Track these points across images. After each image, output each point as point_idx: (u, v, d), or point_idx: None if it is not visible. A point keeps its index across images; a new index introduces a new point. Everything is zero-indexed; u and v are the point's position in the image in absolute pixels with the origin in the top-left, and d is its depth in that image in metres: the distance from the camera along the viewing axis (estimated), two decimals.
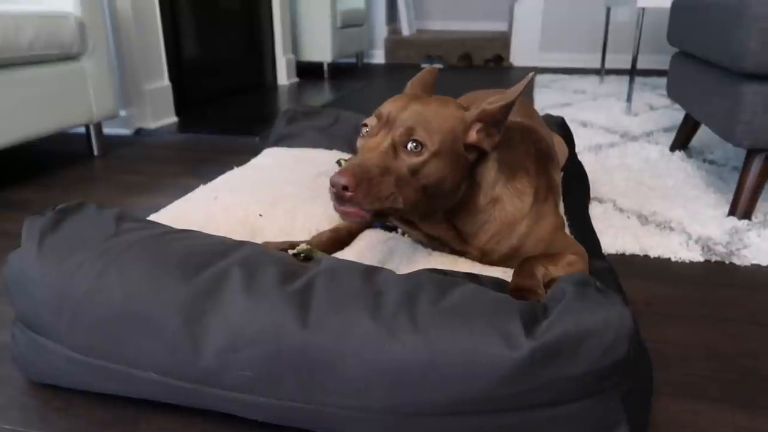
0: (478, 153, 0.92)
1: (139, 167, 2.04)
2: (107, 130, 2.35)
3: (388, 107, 0.88)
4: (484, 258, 0.98)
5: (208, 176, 1.52)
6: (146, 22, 2.54)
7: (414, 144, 0.84)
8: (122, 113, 2.50)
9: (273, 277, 0.74)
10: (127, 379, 0.76)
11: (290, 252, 0.91)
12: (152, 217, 1.12)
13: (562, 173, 1.35)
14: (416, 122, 0.84)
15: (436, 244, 1.01)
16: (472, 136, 0.89)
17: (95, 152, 2.19)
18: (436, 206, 0.92)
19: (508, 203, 0.95)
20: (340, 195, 0.79)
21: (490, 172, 0.94)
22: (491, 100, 0.89)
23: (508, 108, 0.88)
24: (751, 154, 1.43)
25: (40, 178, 1.91)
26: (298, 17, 4.23)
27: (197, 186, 1.40)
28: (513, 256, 0.97)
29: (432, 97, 0.94)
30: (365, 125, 0.90)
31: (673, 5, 2.06)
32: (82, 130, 2.18)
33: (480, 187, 0.94)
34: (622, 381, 0.65)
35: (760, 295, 1.14)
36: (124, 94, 2.53)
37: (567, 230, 1.16)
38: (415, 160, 0.84)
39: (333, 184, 0.79)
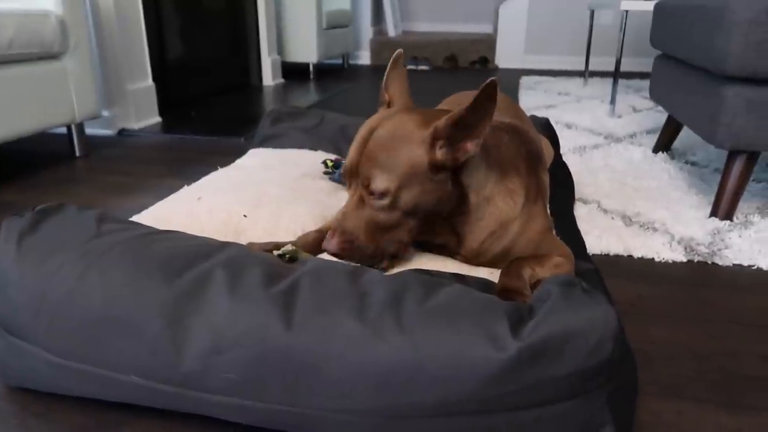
0: (454, 164, 0.89)
1: (121, 168, 2.01)
2: (89, 131, 2.31)
3: (351, 156, 0.90)
4: (475, 259, 0.98)
5: (192, 177, 1.50)
6: (129, 20, 2.51)
7: (374, 192, 0.87)
8: (105, 113, 2.47)
9: (257, 278, 0.73)
10: (108, 383, 0.74)
11: (275, 253, 0.91)
12: (135, 218, 1.11)
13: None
14: (371, 169, 0.86)
15: (438, 249, 1.01)
16: (436, 154, 0.87)
17: (77, 153, 2.16)
18: (437, 218, 0.94)
19: (500, 202, 0.95)
20: (332, 255, 0.88)
21: (478, 172, 0.93)
22: (446, 116, 0.87)
23: (459, 120, 0.85)
24: (732, 155, 1.45)
25: (20, 179, 1.88)
26: (283, 18, 4.22)
27: (181, 187, 1.39)
28: (504, 257, 0.97)
29: (393, 117, 0.90)
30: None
31: (656, 8, 2.08)
32: (64, 130, 2.15)
33: (470, 187, 0.93)
34: (607, 381, 0.65)
35: (742, 295, 1.16)
36: (107, 94, 2.49)
37: (552, 231, 1.16)
38: (384, 203, 0.87)
39: (326, 251, 0.88)
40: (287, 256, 0.91)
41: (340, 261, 0.84)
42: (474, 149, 0.87)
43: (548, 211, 1.10)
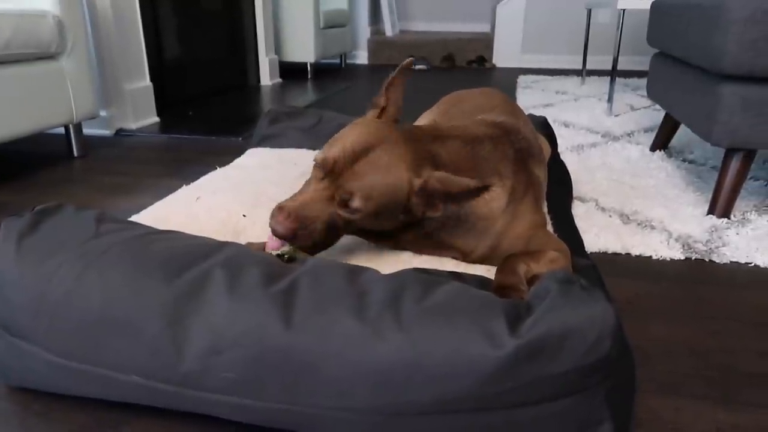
0: (419, 214, 0.92)
1: (119, 168, 2.01)
2: (87, 131, 2.31)
3: (336, 152, 0.89)
4: (467, 258, 0.99)
5: (190, 177, 1.50)
6: (126, 21, 2.51)
7: (350, 206, 0.88)
8: (102, 113, 2.46)
9: (256, 278, 0.73)
10: (107, 383, 0.75)
11: (273, 253, 0.91)
12: (134, 218, 1.11)
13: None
14: (358, 188, 0.87)
15: (416, 251, 1.02)
16: (412, 201, 0.91)
17: (75, 153, 2.16)
18: (380, 233, 0.97)
19: (478, 208, 0.96)
20: (279, 234, 0.87)
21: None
22: (442, 178, 0.88)
23: (449, 195, 0.88)
24: (729, 153, 1.46)
25: (18, 180, 1.88)
26: (280, 18, 4.21)
27: (179, 187, 1.39)
28: (492, 255, 0.97)
29: (389, 149, 0.90)
30: (315, 160, 0.92)
31: (653, 7, 2.09)
32: (62, 130, 2.15)
33: (438, 208, 0.94)
34: (606, 378, 0.66)
35: (739, 292, 1.16)
36: (105, 94, 2.49)
37: (550, 229, 1.16)
38: (349, 217, 0.89)
39: (273, 231, 0.87)
40: (286, 256, 0.91)
41: (338, 261, 0.84)
42: (438, 213, 0.91)
43: (543, 206, 1.11)
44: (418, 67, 5.02)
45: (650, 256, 1.30)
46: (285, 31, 4.26)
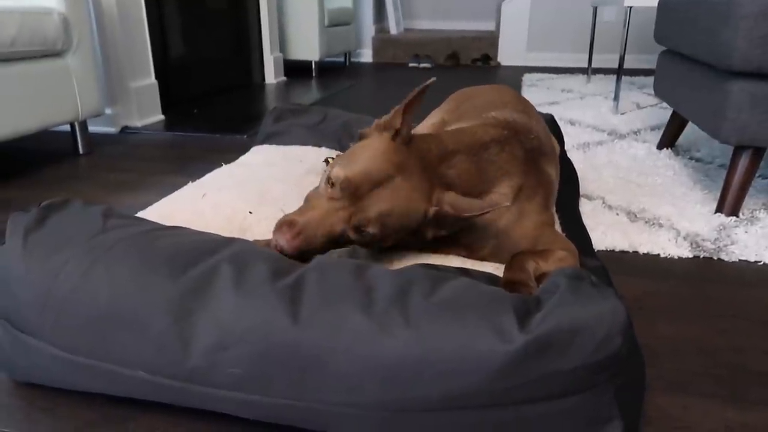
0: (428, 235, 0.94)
1: (125, 165, 2.01)
2: (92, 128, 2.32)
3: (358, 175, 0.86)
4: (471, 254, 0.99)
5: (195, 174, 1.50)
6: (132, 18, 2.51)
7: (364, 231, 0.88)
8: (108, 111, 2.47)
9: (263, 273, 0.73)
10: (114, 378, 0.74)
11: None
12: (140, 215, 1.11)
13: None
14: (376, 215, 0.87)
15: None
16: (424, 227, 0.92)
17: (80, 150, 2.16)
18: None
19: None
20: (283, 248, 0.85)
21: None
22: (454, 202, 0.90)
23: (460, 219, 0.90)
24: (737, 150, 1.45)
25: (24, 177, 1.88)
26: (285, 16, 4.21)
27: (184, 184, 1.39)
28: (498, 253, 0.97)
29: (407, 179, 0.89)
30: (331, 178, 0.89)
31: (660, 4, 2.08)
32: (67, 128, 2.15)
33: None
34: (615, 376, 0.65)
35: (748, 290, 1.15)
36: (110, 91, 2.49)
37: (558, 228, 1.16)
38: (361, 240, 0.89)
39: (275, 246, 0.85)
40: None
41: (345, 258, 0.84)
42: (446, 233, 0.93)
43: (552, 206, 1.10)
44: (422, 65, 5.01)
45: (658, 255, 1.29)
46: (290, 29, 4.25)
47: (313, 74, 4.35)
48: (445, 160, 0.95)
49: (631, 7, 2.77)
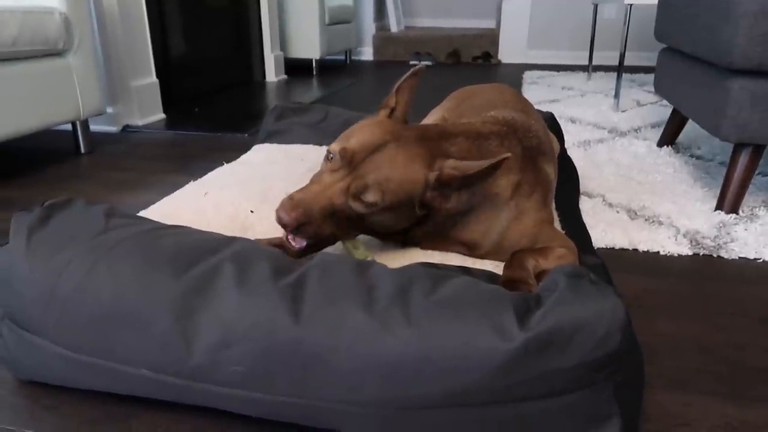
0: (432, 207, 0.92)
1: (126, 164, 2.02)
2: (94, 127, 2.32)
3: (355, 144, 0.88)
4: (471, 252, 0.99)
5: (196, 173, 1.51)
6: (133, 17, 2.52)
7: (365, 199, 0.87)
8: (109, 110, 2.47)
9: (265, 272, 0.74)
10: (117, 376, 0.75)
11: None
12: (142, 214, 1.11)
13: None
14: (374, 180, 0.86)
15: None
16: (427, 195, 0.90)
17: (82, 149, 2.17)
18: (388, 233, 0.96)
19: (481, 207, 0.96)
20: (284, 227, 0.86)
21: (458, 197, 0.94)
22: (456, 165, 0.88)
23: (466, 179, 0.88)
24: (737, 148, 1.45)
25: (25, 176, 1.89)
26: (286, 14, 4.21)
27: (186, 183, 1.39)
28: (497, 251, 0.97)
29: (406, 146, 0.90)
30: (329, 152, 0.91)
31: (661, 2, 2.08)
32: (69, 127, 2.16)
33: (441, 210, 0.95)
34: (614, 373, 0.66)
35: (747, 288, 1.16)
36: (111, 90, 2.50)
37: (558, 225, 1.16)
38: (363, 210, 0.87)
39: (277, 220, 0.85)
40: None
41: (346, 256, 0.84)
42: (455, 203, 0.91)
43: (551, 204, 1.10)
44: (423, 63, 5.01)
45: (658, 252, 1.30)
46: (290, 27, 4.26)
47: (314, 72, 4.35)
48: (446, 138, 0.96)
49: (631, 5, 2.77)
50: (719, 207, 1.48)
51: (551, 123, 1.69)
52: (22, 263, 0.77)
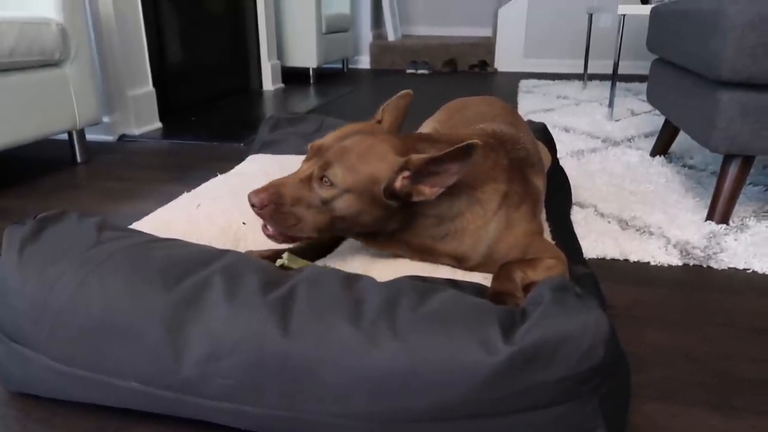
0: (405, 199, 0.91)
1: (122, 174, 2.03)
2: (90, 137, 2.33)
3: (327, 138, 0.93)
4: (461, 264, 0.99)
5: (192, 183, 1.52)
6: (129, 27, 2.53)
7: (326, 178, 0.88)
8: (105, 119, 2.48)
9: (254, 285, 0.74)
10: (108, 389, 0.75)
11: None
12: (135, 225, 1.12)
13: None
14: (336, 159, 0.89)
15: (408, 258, 1.02)
16: (396, 183, 0.90)
17: (78, 159, 2.17)
18: (365, 231, 0.96)
19: (468, 214, 0.96)
20: (255, 212, 0.89)
21: (442, 199, 0.93)
22: (420, 155, 0.88)
23: (433, 162, 0.87)
24: (727, 159, 1.46)
25: (21, 186, 1.90)
26: (283, 23, 4.23)
27: (181, 193, 1.40)
28: (487, 263, 0.98)
29: (376, 136, 0.93)
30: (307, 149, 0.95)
31: (652, 13, 2.10)
32: (65, 136, 2.17)
33: (428, 215, 0.95)
34: (599, 386, 0.66)
35: (737, 298, 1.17)
36: (108, 100, 2.51)
37: (549, 236, 1.17)
38: (326, 193, 0.89)
39: (249, 201, 0.88)
40: (283, 265, 0.92)
41: (335, 269, 0.85)
42: (431, 196, 0.90)
43: (540, 215, 1.11)
44: (419, 71, 5.04)
45: (648, 262, 1.31)
46: (287, 36, 4.28)
47: (311, 81, 4.37)
48: (426, 141, 0.98)
49: (625, 15, 2.80)
50: (710, 217, 1.50)
51: (543, 134, 1.70)
52: (14, 276, 0.78)
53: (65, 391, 0.79)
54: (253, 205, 0.88)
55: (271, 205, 0.88)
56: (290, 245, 1.01)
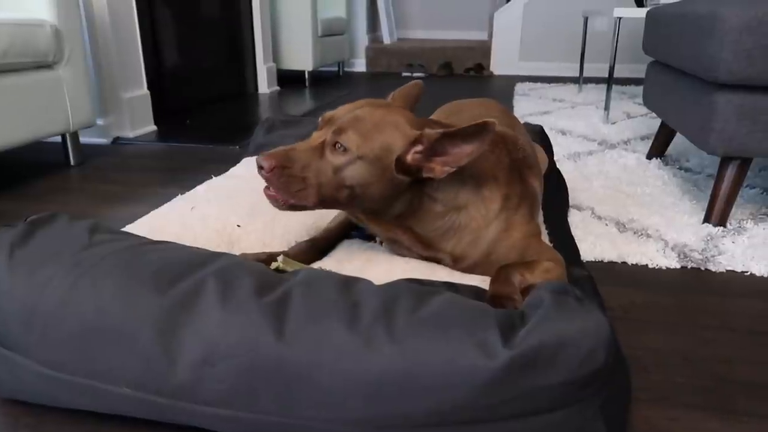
0: (416, 176, 0.90)
1: (116, 177, 2.01)
2: (84, 140, 2.31)
3: (340, 109, 0.92)
4: (457, 264, 0.99)
5: (187, 186, 1.50)
6: (124, 29, 2.52)
7: (339, 145, 0.86)
8: (99, 122, 2.46)
9: (249, 288, 0.73)
10: (99, 395, 0.74)
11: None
12: (128, 228, 1.11)
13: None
14: (350, 125, 0.87)
15: (406, 250, 1.01)
16: (408, 156, 0.89)
17: (72, 162, 2.16)
18: (372, 208, 0.93)
19: (473, 211, 0.95)
20: (262, 176, 0.87)
21: (448, 184, 0.93)
22: (435, 130, 0.87)
23: (448, 137, 0.86)
24: (724, 161, 1.46)
25: (14, 189, 1.88)
26: (278, 25, 4.23)
27: (176, 195, 1.39)
28: (485, 264, 0.97)
29: (391, 107, 0.94)
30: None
31: (648, 15, 2.10)
32: (59, 139, 2.15)
33: (435, 200, 0.94)
34: (599, 390, 0.66)
35: (734, 301, 1.16)
36: (102, 102, 2.49)
37: (546, 238, 1.16)
38: (338, 160, 0.87)
39: (256, 163, 0.86)
40: (277, 269, 0.91)
41: (331, 272, 0.84)
42: (441, 174, 0.89)
43: (538, 217, 1.11)
44: (415, 74, 5.03)
45: (646, 265, 1.30)
46: (283, 39, 4.27)
47: (307, 84, 4.36)
48: (437, 125, 0.96)
49: (620, 18, 2.80)
50: (707, 220, 1.49)
51: (541, 136, 1.70)
52: (3, 280, 0.77)
53: (55, 396, 0.78)
54: (260, 168, 0.86)
55: (278, 168, 0.85)
56: (283, 252, 0.99)
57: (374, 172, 0.88)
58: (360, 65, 5.58)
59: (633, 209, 1.60)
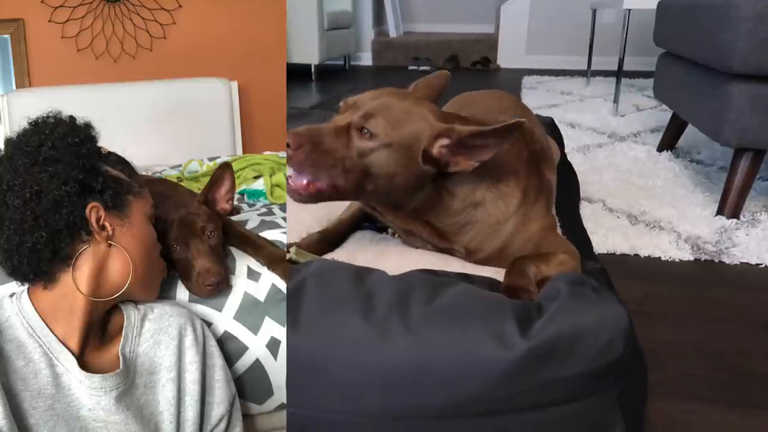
0: (440, 169, 0.88)
1: None
2: None
3: (364, 95, 0.89)
4: (472, 256, 0.97)
5: None
6: None
7: (366, 130, 0.83)
8: None
9: None
10: None
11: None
12: None
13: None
14: (378, 111, 0.84)
15: (421, 241, 1.00)
16: (434, 147, 0.86)
17: None
18: (393, 200, 0.91)
19: (491, 205, 0.94)
20: (289, 155, 0.81)
21: (466, 178, 0.91)
22: (463, 126, 0.86)
23: (479, 135, 0.84)
24: (738, 153, 1.44)
25: None
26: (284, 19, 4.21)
27: None
28: (501, 256, 0.96)
29: (416, 98, 0.92)
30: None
31: (659, 6, 2.08)
32: None
33: (453, 195, 0.92)
34: (617, 381, 0.65)
35: (749, 293, 1.15)
36: None
37: (559, 231, 1.15)
38: (364, 144, 0.83)
39: (288, 140, 0.81)
40: (291, 260, 0.90)
41: (344, 263, 0.83)
42: (468, 168, 0.87)
43: (552, 209, 1.09)
44: (421, 68, 5.01)
45: (659, 257, 1.29)
46: (289, 32, 4.24)
47: (313, 77, 4.35)
48: (458, 119, 0.94)
49: (630, 10, 2.77)
50: (720, 212, 1.48)
51: (551, 128, 1.68)
52: None
53: None
54: (288, 146, 0.81)
55: (308, 144, 0.81)
56: (295, 243, 0.98)
57: (400, 161, 0.85)
58: (366, 59, 5.56)
59: (644, 201, 1.59)
